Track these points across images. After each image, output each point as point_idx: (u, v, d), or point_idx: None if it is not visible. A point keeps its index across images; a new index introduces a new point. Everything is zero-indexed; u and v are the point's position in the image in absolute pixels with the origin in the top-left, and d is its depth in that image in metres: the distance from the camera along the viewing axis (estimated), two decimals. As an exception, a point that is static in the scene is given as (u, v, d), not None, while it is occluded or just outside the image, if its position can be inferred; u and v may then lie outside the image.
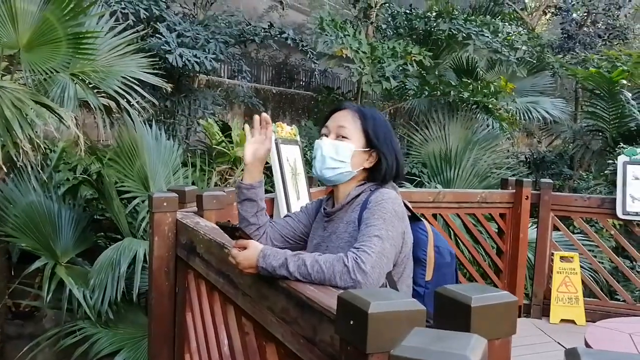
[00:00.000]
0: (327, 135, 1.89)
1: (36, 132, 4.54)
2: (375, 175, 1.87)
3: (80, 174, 5.03)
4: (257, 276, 1.55)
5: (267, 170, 6.04)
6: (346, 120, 1.88)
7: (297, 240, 2.01)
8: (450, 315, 0.99)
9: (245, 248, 1.55)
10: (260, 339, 1.64)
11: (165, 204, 2.44)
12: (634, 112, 7.38)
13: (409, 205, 1.93)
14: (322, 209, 1.96)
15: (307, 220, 2.03)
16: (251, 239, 1.59)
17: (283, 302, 1.43)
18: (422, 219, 1.96)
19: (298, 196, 3.36)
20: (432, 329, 0.87)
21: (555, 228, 4.84)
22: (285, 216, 2.12)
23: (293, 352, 1.37)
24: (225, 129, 7.41)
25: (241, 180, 2.00)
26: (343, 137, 1.85)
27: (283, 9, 8.68)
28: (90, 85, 4.30)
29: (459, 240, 4.92)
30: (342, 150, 1.84)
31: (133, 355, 3.48)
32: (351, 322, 0.93)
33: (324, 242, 1.87)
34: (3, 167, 3.30)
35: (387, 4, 8.57)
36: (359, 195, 1.85)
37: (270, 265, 1.49)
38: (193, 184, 5.29)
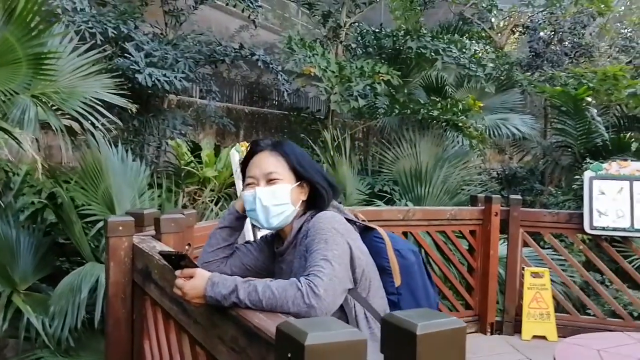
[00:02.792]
0: (255, 184, 1.84)
1: (-2, 155, 4.43)
2: (316, 204, 1.85)
3: (45, 198, 4.90)
4: (207, 304, 1.48)
5: (232, 186, 5.96)
6: (270, 164, 1.84)
7: (259, 270, 1.97)
8: (397, 343, 0.94)
9: (191, 277, 1.49)
10: (214, 369, 1.57)
11: (121, 228, 2.37)
12: (600, 128, 7.50)
13: (361, 217, 1.92)
14: (275, 248, 1.93)
15: (268, 252, 1.99)
16: (197, 266, 1.53)
17: (232, 330, 1.37)
18: (375, 227, 1.92)
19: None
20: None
21: (526, 244, 4.85)
22: (246, 242, 2.07)
23: (244, 383, 1.31)
24: (196, 149, 7.34)
25: (234, 206, 1.97)
26: (274, 180, 1.82)
27: (255, 28, 8.66)
28: (53, 107, 4.20)
29: (430, 259, 4.89)
30: (280, 193, 1.81)
31: (94, 385, 3.36)
32: (289, 355, 0.88)
33: None
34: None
35: (357, 24, 8.63)
36: (301, 227, 1.82)
37: (219, 294, 1.43)
38: (160, 206, 5.20)
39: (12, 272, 3.86)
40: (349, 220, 1.81)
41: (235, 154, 3.26)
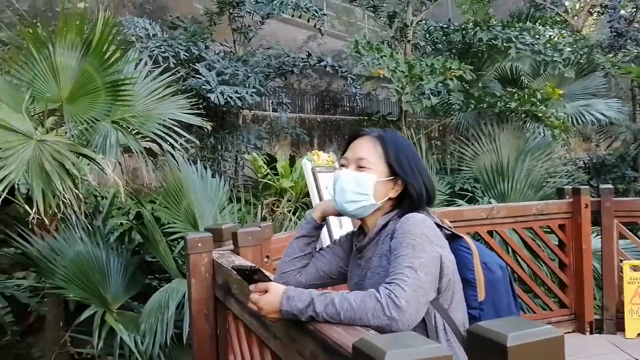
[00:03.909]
0: (345, 167, 1.78)
1: (86, 181, 4.66)
2: (404, 205, 1.73)
3: (132, 219, 5.09)
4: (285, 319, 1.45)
5: (308, 196, 5.99)
6: (365, 150, 1.75)
7: (333, 274, 1.90)
8: (485, 356, 0.86)
9: (266, 291, 1.46)
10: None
11: (200, 244, 2.39)
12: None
13: (448, 224, 1.79)
14: (354, 244, 1.85)
15: (342, 254, 1.92)
16: (270, 280, 1.49)
17: (311, 345, 1.32)
18: (463, 235, 1.81)
19: (340, 224, 3.26)
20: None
21: (621, 235, 4.53)
22: (319, 249, 2.01)
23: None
24: (272, 161, 7.44)
25: (311, 215, 1.94)
26: (363, 167, 1.73)
27: (322, 36, 8.70)
28: (132, 131, 4.36)
29: (517, 257, 4.68)
30: (364, 182, 1.71)
31: (187, 399, 3.43)
32: (368, 375, 0.83)
33: (362, 280, 1.74)
34: (45, 219, 3.35)
35: (423, 21, 8.48)
36: (386, 224, 1.72)
37: (295, 308, 1.38)
38: (240, 219, 5.28)
39: (104, 292, 4.02)
40: (438, 225, 1.70)
41: (308, 163, 3.23)
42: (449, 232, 1.77)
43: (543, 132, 7.38)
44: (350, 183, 1.73)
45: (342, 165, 1.80)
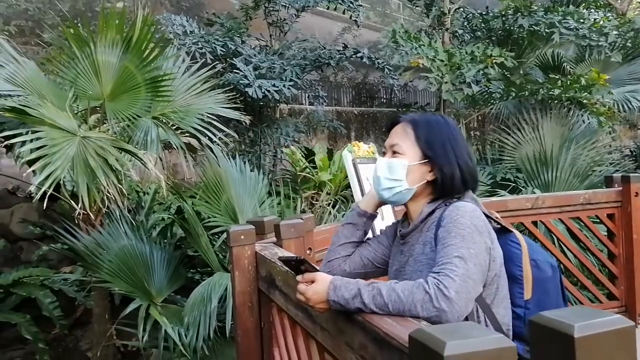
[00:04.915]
0: (385, 154, 1.76)
1: (128, 177, 4.72)
2: (438, 188, 1.69)
3: (174, 214, 5.15)
4: (332, 309, 1.42)
5: (348, 189, 5.93)
6: (397, 135, 1.73)
7: (377, 263, 1.87)
8: (550, 349, 0.81)
9: (312, 282, 1.43)
10: (345, 376, 1.50)
11: (242, 237, 2.39)
12: None
13: (497, 216, 1.73)
14: (398, 230, 1.81)
15: (387, 242, 1.89)
16: (317, 270, 1.47)
17: (360, 337, 1.29)
18: (513, 230, 1.74)
19: (382, 216, 3.21)
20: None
21: (674, 224, 4.36)
22: (366, 239, 1.99)
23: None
24: (310, 154, 7.42)
25: (358, 204, 1.94)
26: (397, 153, 1.71)
27: (358, 27, 8.62)
28: (172, 126, 4.41)
29: (564, 248, 4.54)
30: (395, 168, 1.69)
31: (231, 391, 3.45)
32: (427, 366, 0.79)
33: (402, 267, 1.71)
34: (90, 214, 3.41)
35: (462, 9, 8.32)
36: (432, 212, 1.67)
37: (342, 298, 1.36)
38: (280, 213, 5.29)
39: (148, 286, 4.08)
40: (487, 217, 1.64)
41: (348, 154, 3.19)
42: (499, 225, 1.71)
43: (588, 120, 7.17)
44: (383, 170, 1.72)
45: (383, 153, 1.78)
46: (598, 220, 4.50)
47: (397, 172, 1.69)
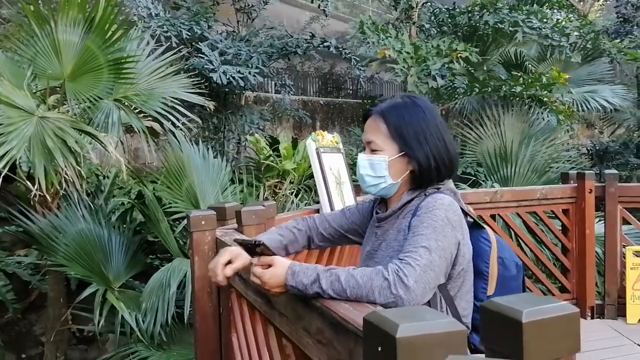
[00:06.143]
0: (364, 149, 1.76)
1: (88, 160, 4.63)
2: (416, 179, 1.69)
3: (134, 198, 5.08)
4: (290, 295, 1.42)
5: (311, 178, 5.95)
6: (371, 131, 1.72)
7: (350, 233, 1.91)
8: (499, 334, 0.84)
9: (270, 265, 1.43)
10: (302, 362, 1.52)
11: (203, 222, 2.37)
12: None
13: (471, 211, 1.75)
14: (375, 212, 1.82)
15: (360, 218, 1.91)
16: (274, 254, 1.47)
17: (318, 322, 1.30)
18: (485, 227, 1.77)
19: (345, 205, 3.24)
20: (473, 355, 0.73)
21: (625, 221, 4.52)
22: (341, 210, 2.01)
23: (333, 377, 1.24)
24: (274, 143, 7.40)
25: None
26: (374, 150, 1.70)
27: (326, 17, 8.61)
28: (134, 109, 4.33)
29: (520, 241, 4.66)
30: (376, 166, 1.69)
31: (187, 378, 3.43)
32: (379, 349, 0.80)
33: (375, 250, 1.73)
34: (47, 197, 3.33)
35: (429, 3, 8.39)
36: (411, 200, 1.69)
37: (300, 283, 1.36)
38: (243, 200, 5.26)
39: (106, 271, 4.02)
40: (463, 212, 1.66)
41: (312, 143, 3.20)
42: (472, 220, 1.74)
43: (547, 117, 7.34)
44: (365, 168, 1.71)
45: (363, 148, 1.78)
46: (553, 215, 4.63)
47: (378, 169, 1.69)
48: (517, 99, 7.23)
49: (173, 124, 4.44)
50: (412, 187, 1.72)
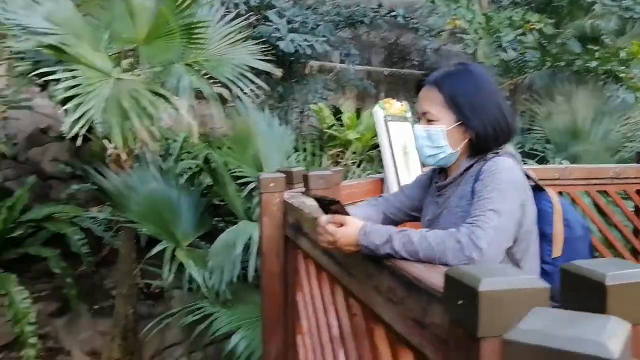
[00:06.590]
0: (420, 121, 1.74)
1: (160, 123, 4.77)
2: (479, 145, 1.68)
3: (203, 162, 5.23)
4: (360, 255, 1.44)
5: (374, 149, 5.92)
6: (427, 102, 1.71)
7: (413, 210, 1.91)
8: (580, 298, 0.84)
9: (342, 225, 1.45)
10: (369, 321, 1.55)
11: (272, 184, 2.43)
12: None
13: (533, 174, 1.74)
14: (434, 182, 1.83)
15: (420, 192, 1.91)
16: (348, 214, 1.48)
17: (389, 281, 1.32)
18: (547, 189, 1.75)
19: (411, 175, 3.23)
20: (557, 309, 0.73)
21: None
22: (400, 190, 2.03)
23: (402, 335, 1.26)
24: (337, 113, 7.39)
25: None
26: (431, 121, 1.69)
27: (395, -14, 8.46)
28: (204, 75, 4.42)
29: (588, 221, 4.51)
30: (434, 136, 1.68)
31: (250, 334, 3.54)
32: (460, 302, 0.82)
33: (436, 218, 1.73)
34: (122, 155, 3.47)
35: (502, -28, 8.09)
36: (471, 166, 1.68)
37: (372, 243, 1.37)
38: (306, 168, 5.31)
39: (175, 230, 4.18)
40: (525, 175, 1.65)
41: (380, 111, 3.19)
42: (534, 183, 1.72)
43: (623, 95, 7.00)
44: (423, 139, 1.71)
45: (418, 119, 1.77)
46: (626, 196, 4.46)
47: (436, 140, 1.69)
48: (592, 74, 6.92)
49: (241, 90, 4.50)
50: (471, 154, 1.70)
